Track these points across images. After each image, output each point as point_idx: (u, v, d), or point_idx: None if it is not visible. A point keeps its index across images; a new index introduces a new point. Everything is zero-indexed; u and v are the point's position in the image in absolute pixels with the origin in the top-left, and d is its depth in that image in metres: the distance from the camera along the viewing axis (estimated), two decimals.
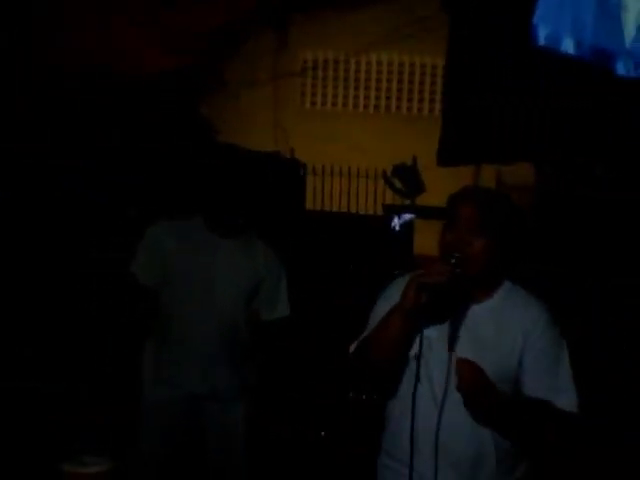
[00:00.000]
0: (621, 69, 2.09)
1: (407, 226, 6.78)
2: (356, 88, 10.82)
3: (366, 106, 10.79)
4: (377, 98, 10.73)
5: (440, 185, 5.82)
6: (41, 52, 7.84)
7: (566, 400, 2.22)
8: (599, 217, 5.18)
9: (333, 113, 10.75)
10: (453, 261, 2.12)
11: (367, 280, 6.01)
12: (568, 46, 2.10)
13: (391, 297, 2.27)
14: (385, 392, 2.32)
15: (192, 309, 3.24)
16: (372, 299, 2.42)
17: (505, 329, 2.21)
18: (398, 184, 7.28)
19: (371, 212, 8.18)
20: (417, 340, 2.15)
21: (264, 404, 3.56)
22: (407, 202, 7.40)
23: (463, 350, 2.18)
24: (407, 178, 7.24)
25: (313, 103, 10.99)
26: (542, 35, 2.12)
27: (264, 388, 3.47)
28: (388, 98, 10.69)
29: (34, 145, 6.50)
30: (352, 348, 2.34)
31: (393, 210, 7.15)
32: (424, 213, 6.70)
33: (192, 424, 3.30)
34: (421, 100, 10.57)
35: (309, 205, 8.06)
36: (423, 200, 7.48)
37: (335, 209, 8.20)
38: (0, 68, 7.36)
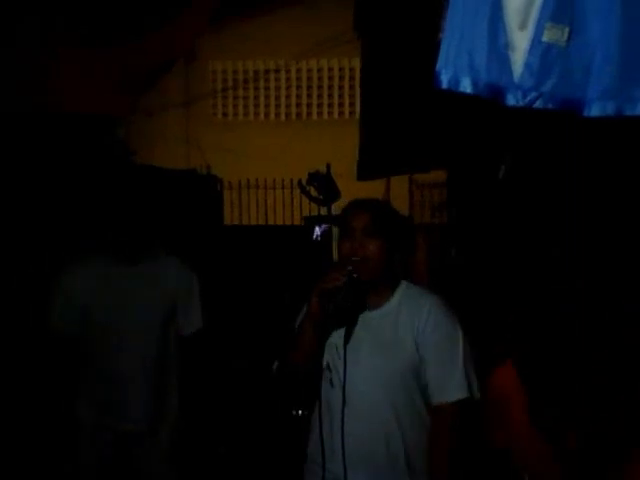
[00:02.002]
0: (511, 100, 2.36)
1: (326, 235, 6.90)
2: (266, 97, 10.83)
3: (277, 114, 10.83)
4: (287, 106, 10.77)
5: (355, 190, 5.92)
6: None
7: (457, 391, 2.37)
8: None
9: (245, 124, 10.75)
10: (350, 268, 2.30)
11: (291, 292, 6.07)
12: (466, 86, 2.36)
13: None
14: (308, 402, 2.51)
15: (111, 348, 3.29)
16: (295, 311, 2.54)
17: (401, 329, 2.37)
18: (314, 192, 7.35)
19: (290, 223, 8.24)
20: (326, 348, 2.36)
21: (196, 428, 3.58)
22: (324, 210, 7.50)
23: (363, 352, 2.36)
24: (322, 186, 7.32)
25: (225, 114, 10.97)
26: (445, 80, 2.37)
27: (192, 412, 3.51)
28: (298, 105, 10.75)
29: None
30: (275, 364, 2.51)
31: (313, 221, 7.24)
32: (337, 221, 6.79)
33: (120, 458, 3.37)
34: (330, 105, 10.67)
35: (227, 220, 8.06)
36: (340, 206, 7.58)
37: (253, 222, 8.24)
38: None
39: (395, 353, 2.36)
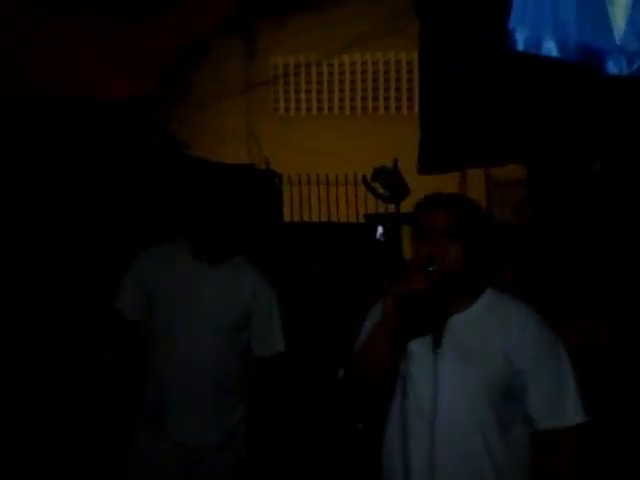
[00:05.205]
0: (612, 67, 1.89)
1: (393, 234, 6.35)
2: (330, 91, 10.47)
3: (342, 108, 10.40)
4: (352, 99, 10.36)
5: (425, 187, 5.41)
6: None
7: (575, 414, 2.16)
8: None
9: (308, 118, 10.40)
10: (430, 269, 2.08)
11: (353, 294, 5.59)
12: (550, 48, 1.87)
13: (376, 313, 2.24)
14: (377, 414, 2.28)
15: (177, 346, 3.04)
16: (359, 314, 2.35)
17: (489, 339, 2.17)
18: (380, 189, 6.83)
19: (353, 220, 7.80)
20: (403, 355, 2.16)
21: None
22: (384, 208, 6.96)
23: (446, 361, 2.15)
24: (389, 182, 6.78)
25: (287, 109, 10.66)
26: (520, 39, 1.89)
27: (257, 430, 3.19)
28: (364, 99, 10.31)
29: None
30: (341, 372, 2.30)
31: (375, 219, 6.71)
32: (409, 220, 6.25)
33: (182, 473, 3.08)
34: (398, 99, 10.18)
35: (287, 217, 7.66)
36: (407, 205, 7.06)
37: (314, 219, 7.82)
38: None
39: (482, 366, 2.15)
